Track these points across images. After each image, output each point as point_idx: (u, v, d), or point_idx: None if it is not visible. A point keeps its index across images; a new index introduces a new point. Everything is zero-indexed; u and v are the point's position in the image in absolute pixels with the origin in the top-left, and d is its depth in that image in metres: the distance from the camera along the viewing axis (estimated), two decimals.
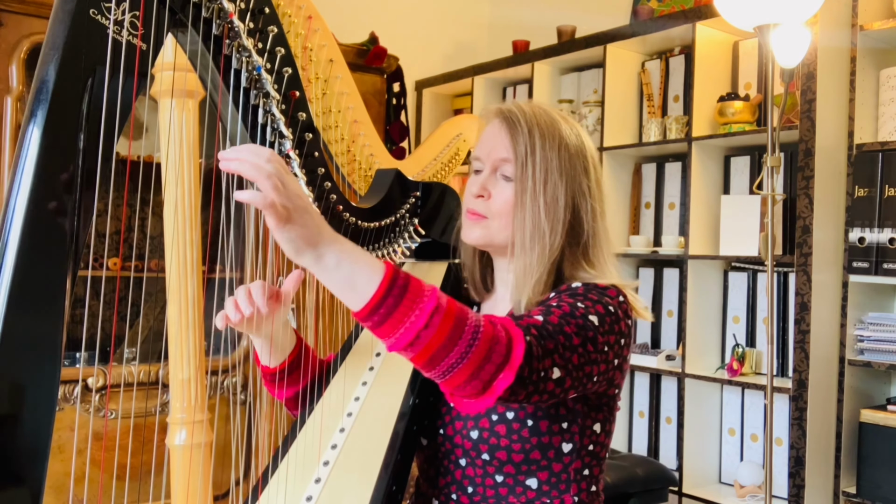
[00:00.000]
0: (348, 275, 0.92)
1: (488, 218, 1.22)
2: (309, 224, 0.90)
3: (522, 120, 1.20)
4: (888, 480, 2.20)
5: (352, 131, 1.42)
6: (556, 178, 1.19)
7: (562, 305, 1.10)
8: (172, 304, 1.75)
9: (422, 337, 0.93)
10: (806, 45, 2.13)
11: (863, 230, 2.27)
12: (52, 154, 0.88)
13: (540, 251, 1.18)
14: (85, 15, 0.90)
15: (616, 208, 3.02)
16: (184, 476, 1.74)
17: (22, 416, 0.86)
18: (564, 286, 1.17)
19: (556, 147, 1.19)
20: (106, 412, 2.48)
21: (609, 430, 1.22)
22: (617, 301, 1.14)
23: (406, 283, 0.93)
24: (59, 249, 0.88)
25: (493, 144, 1.23)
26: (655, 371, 2.79)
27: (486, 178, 1.23)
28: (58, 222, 0.88)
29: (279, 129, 1.14)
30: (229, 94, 1.10)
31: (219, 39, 1.07)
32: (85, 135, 0.90)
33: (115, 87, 0.92)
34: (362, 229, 1.28)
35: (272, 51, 1.12)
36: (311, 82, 1.35)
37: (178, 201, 1.71)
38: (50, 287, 0.88)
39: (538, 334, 1.02)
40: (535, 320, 1.05)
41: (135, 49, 0.94)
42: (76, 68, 0.90)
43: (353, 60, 3.03)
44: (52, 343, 0.88)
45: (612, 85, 2.98)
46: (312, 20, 1.33)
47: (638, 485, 2.35)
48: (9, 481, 0.85)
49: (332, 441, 1.20)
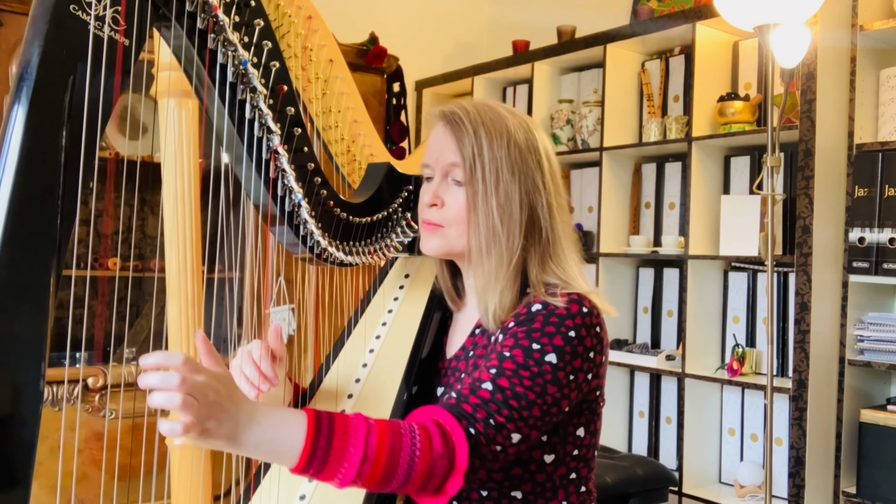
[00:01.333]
0: (270, 449, 0.92)
1: (444, 226, 1.19)
2: (224, 419, 0.89)
3: (466, 120, 1.16)
4: (888, 480, 2.20)
5: (352, 131, 1.41)
6: (507, 177, 1.14)
7: (515, 355, 1.07)
8: (172, 304, 1.75)
9: (363, 471, 0.93)
10: (806, 45, 2.13)
11: (863, 230, 2.27)
12: (34, 152, 0.86)
13: (497, 255, 1.15)
14: (65, 11, 0.88)
15: (616, 208, 3.02)
16: (184, 476, 1.74)
17: (7, 416, 0.85)
18: (524, 309, 1.13)
19: (505, 144, 1.15)
20: (106, 412, 2.48)
21: (595, 430, 1.20)
22: (579, 319, 1.10)
23: (331, 425, 0.94)
24: (43, 248, 0.87)
25: (440, 149, 1.19)
26: (655, 371, 2.79)
27: (438, 184, 1.19)
28: (41, 220, 0.87)
29: (267, 125, 1.12)
30: (215, 90, 1.08)
31: (204, 33, 1.05)
32: (67, 132, 0.88)
33: (98, 83, 0.90)
34: (354, 224, 1.27)
35: (259, 44, 1.10)
36: (311, 82, 1.36)
37: (178, 201, 1.71)
38: (34, 286, 0.86)
39: (486, 415, 1.02)
40: (481, 395, 1.03)
41: (117, 45, 0.92)
42: (57, 66, 0.88)
43: (353, 60, 3.03)
44: (37, 342, 0.86)
45: (612, 85, 2.98)
46: (312, 20, 1.33)
47: (638, 485, 2.35)
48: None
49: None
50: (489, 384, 1.05)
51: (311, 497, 1.13)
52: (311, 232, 1.19)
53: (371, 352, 1.30)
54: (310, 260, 1.24)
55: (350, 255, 1.26)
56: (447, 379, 1.24)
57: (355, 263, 1.27)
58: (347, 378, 1.28)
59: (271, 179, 1.14)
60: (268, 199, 1.15)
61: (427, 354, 1.26)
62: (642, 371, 2.89)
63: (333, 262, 1.24)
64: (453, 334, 1.30)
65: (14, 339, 0.85)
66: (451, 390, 1.20)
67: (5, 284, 0.85)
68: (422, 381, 1.24)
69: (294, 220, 1.18)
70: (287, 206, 1.17)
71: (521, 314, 1.13)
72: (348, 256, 1.25)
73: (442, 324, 1.31)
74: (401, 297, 1.37)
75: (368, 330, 1.33)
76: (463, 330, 1.28)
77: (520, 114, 1.21)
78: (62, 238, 0.88)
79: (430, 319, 1.28)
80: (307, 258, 1.23)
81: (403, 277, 1.41)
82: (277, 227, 1.18)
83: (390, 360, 1.26)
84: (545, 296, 1.13)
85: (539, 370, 1.06)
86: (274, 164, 1.14)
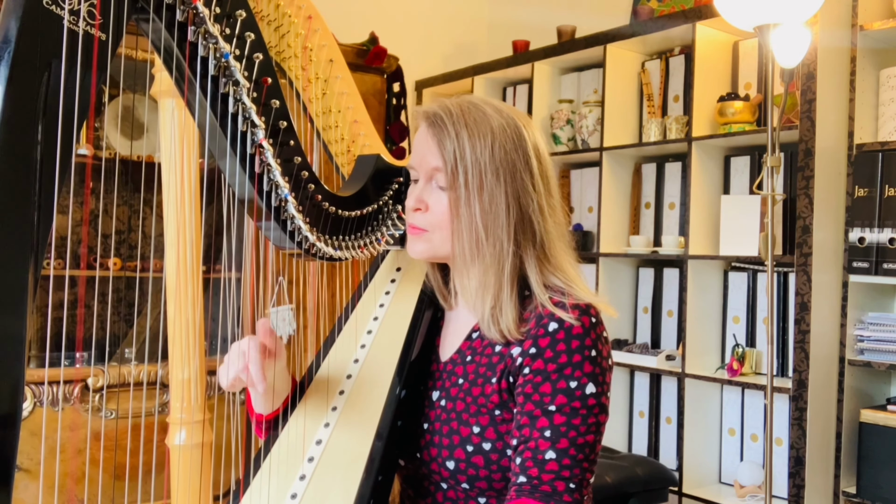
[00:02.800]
0: None
1: (429, 231, 1.16)
2: None
3: (448, 122, 1.11)
4: (888, 480, 2.20)
5: (352, 131, 1.41)
6: (491, 180, 1.10)
7: (560, 406, 1.05)
8: (172, 304, 1.75)
9: None
10: (806, 45, 2.13)
11: (863, 230, 2.27)
12: (8, 151, 0.84)
13: (482, 261, 1.12)
14: (38, 5, 0.85)
15: (616, 208, 3.02)
16: (184, 476, 1.74)
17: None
18: (538, 329, 1.09)
19: (489, 146, 1.10)
20: (106, 412, 2.48)
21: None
22: (593, 334, 1.08)
23: None
24: (20, 248, 0.85)
25: (423, 152, 1.15)
26: (655, 371, 2.79)
27: (422, 188, 1.16)
28: (17, 221, 0.84)
29: (251, 119, 1.08)
30: (196, 83, 1.04)
31: (183, 26, 1.02)
32: (43, 130, 0.86)
33: (74, 80, 0.87)
34: (343, 218, 1.24)
35: (241, 36, 1.06)
36: (311, 82, 1.35)
37: (178, 201, 1.71)
38: (11, 287, 0.84)
39: (565, 484, 1.03)
40: (550, 469, 1.03)
41: (93, 39, 0.89)
42: (31, 62, 0.85)
43: (353, 60, 3.03)
44: (16, 342, 0.84)
45: (612, 85, 2.98)
46: (312, 20, 1.33)
47: (638, 485, 2.35)
48: None
49: (317, 437, 1.19)
50: (552, 452, 1.04)
51: (303, 496, 1.12)
52: (299, 227, 1.16)
53: (363, 347, 1.28)
54: (298, 255, 1.21)
55: (339, 249, 1.23)
56: (442, 382, 1.21)
57: (345, 258, 1.24)
58: (339, 374, 1.25)
59: (256, 174, 1.11)
60: (253, 194, 1.12)
61: (417, 355, 1.24)
62: (642, 371, 2.89)
63: (322, 256, 1.21)
64: (446, 335, 1.27)
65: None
66: (445, 395, 1.18)
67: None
68: (412, 384, 1.21)
69: (281, 215, 1.15)
70: (274, 201, 1.13)
71: (538, 336, 1.09)
72: (338, 251, 1.22)
73: (433, 324, 1.28)
74: (392, 290, 1.34)
75: (360, 325, 1.31)
76: (457, 331, 1.24)
77: (508, 111, 1.15)
78: (40, 237, 0.86)
79: (420, 319, 1.26)
80: (296, 254, 1.20)
81: (395, 271, 1.38)
82: (264, 222, 1.15)
83: (381, 357, 1.24)
84: (553, 307, 1.10)
85: (587, 410, 1.05)
86: (259, 158, 1.10)
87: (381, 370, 1.22)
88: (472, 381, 1.16)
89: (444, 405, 1.17)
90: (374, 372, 1.23)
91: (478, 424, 1.12)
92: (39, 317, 2.47)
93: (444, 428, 1.15)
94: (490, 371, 1.14)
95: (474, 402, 1.14)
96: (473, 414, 1.13)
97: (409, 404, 1.20)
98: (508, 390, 1.12)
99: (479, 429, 1.12)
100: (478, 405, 1.13)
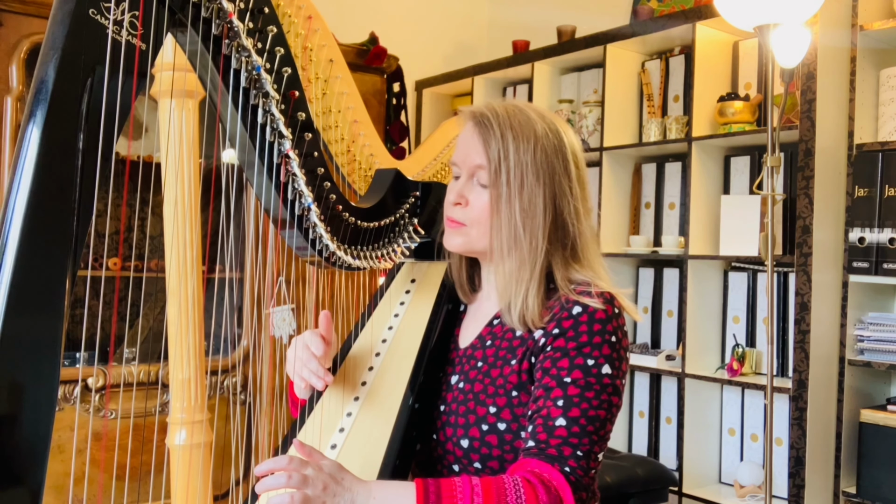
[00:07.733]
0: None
1: (467, 225, 1.21)
2: (339, 502, 0.98)
3: (495, 123, 1.17)
4: (888, 480, 2.20)
5: (352, 131, 1.41)
6: (531, 181, 1.16)
7: (576, 379, 1.09)
8: (172, 304, 1.75)
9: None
10: (806, 45, 2.13)
11: (863, 230, 2.27)
12: (51, 154, 0.88)
13: (518, 257, 1.17)
14: (84, 15, 0.90)
15: (616, 208, 3.02)
16: (184, 476, 1.74)
17: (21, 416, 0.86)
18: (562, 311, 1.14)
19: (532, 149, 1.16)
20: (106, 412, 2.48)
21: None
22: (615, 322, 1.14)
23: (438, 492, 1.00)
24: (59, 249, 0.89)
25: (468, 150, 1.20)
26: (655, 371, 2.79)
27: (464, 184, 1.21)
28: (58, 222, 0.88)
29: (279, 129, 1.14)
30: (228, 94, 1.10)
31: (218, 39, 1.07)
32: (84, 134, 0.90)
33: (115, 86, 0.92)
34: (361, 229, 1.29)
35: (272, 51, 1.12)
36: (311, 82, 1.35)
37: (178, 201, 1.71)
38: (49, 287, 0.88)
39: (572, 451, 1.06)
40: (559, 434, 1.07)
41: (134, 49, 0.94)
42: (75, 68, 0.90)
43: (353, 60, 3.03)
44: (51, 343, 0.88)
45: (612, 85, 2.98)
46: (312, 20, 1.33)
47: (638, 485, 2.35)
48: (8, 482, 0.86)
49: (332, 441, 1.21)
50: (562, 419, 1.07)
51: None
52: (321, 235, 1.21)
53: (377, 355, 1.32)
54: (318, 263, 1.26)
55: (358, 259, 1.28)
56: (461, 367, 1.24)
57: (363, 267, 1.30)
58: (353, 382, 1.29)
59: (282, 183, 1.16)
60: (278, 202, 1.17)
61: (437, 346, 1.28)
62: (642, 371, 2.89)
63: (342, 265, 1.26)
64: (467, 325, 1.31)
65: (30, 340, 0.87)
66: (463, 378, 1.22)
67: (22, 286, 0.87)
68: (431, 372, 1.25)
69: (304, 223, 1.20)
70: (297, 209, 1.19)
71: (562, 318, 1.14)
72: (356, 260, 1.27)
73: (453, 315, 1.33)
74: (407, 301, 1.38)
75: (375, 334, 1.35)
76: (478, 321, 1.29)
77: (551, 117, 1.21)
78: (78, 240, 0.90)
79: (436, 322, 1.30)
80: (316, 262, 1.25)
81: (410, 282, 1.43)
82: (287, 230, 1.21)
83: (395, 367, 1.27)
84: (577, 295, 1.15)
85: (601, 387, 1.09)
86: (285, 168, 1.16)
87: (395, 379, 1.25)
88: (492, 363, 1.20)
89: (462, 387, 1.21)
90: (389, 380, 1.26)
91: (494, 405, 1.16)
92: None
93: (461, 408, 1.19)
94: (510, 354, 1.18)
95: (492, 384, 1.18)
96: (491, 395, 1.17)
97: (429, 392, 1.24)
98: (529, 371, 1.16)
99: (496, 409, 1.16)
100: (496, 386, 1.17)
